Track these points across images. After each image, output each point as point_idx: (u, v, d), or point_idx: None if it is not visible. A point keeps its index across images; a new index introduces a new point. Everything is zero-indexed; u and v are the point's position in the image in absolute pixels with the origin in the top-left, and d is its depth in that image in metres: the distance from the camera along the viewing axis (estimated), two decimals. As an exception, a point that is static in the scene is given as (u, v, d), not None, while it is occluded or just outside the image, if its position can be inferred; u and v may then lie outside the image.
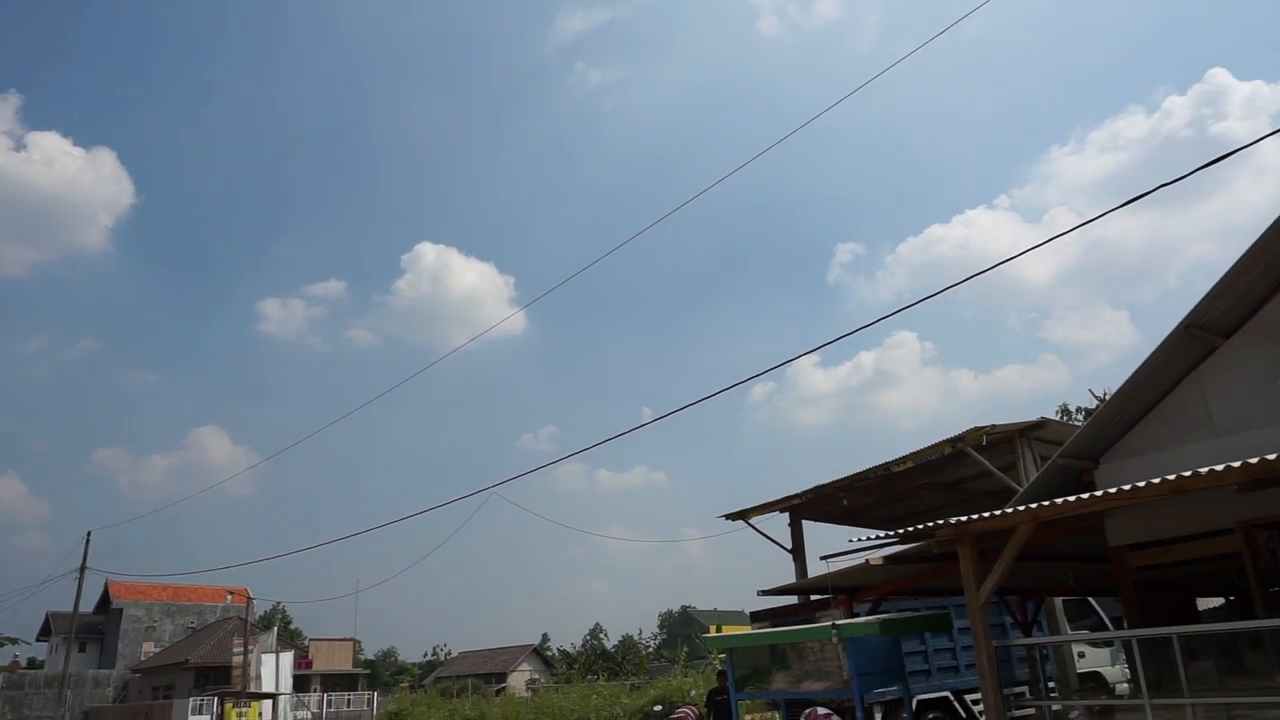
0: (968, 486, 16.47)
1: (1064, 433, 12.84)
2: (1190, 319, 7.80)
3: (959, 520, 7.07)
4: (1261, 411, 7.66)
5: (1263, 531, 7.63)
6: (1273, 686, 6.49)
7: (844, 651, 8.08)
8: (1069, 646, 14.67)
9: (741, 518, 18.73)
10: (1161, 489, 6.13)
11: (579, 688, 27.59)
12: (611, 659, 59.91)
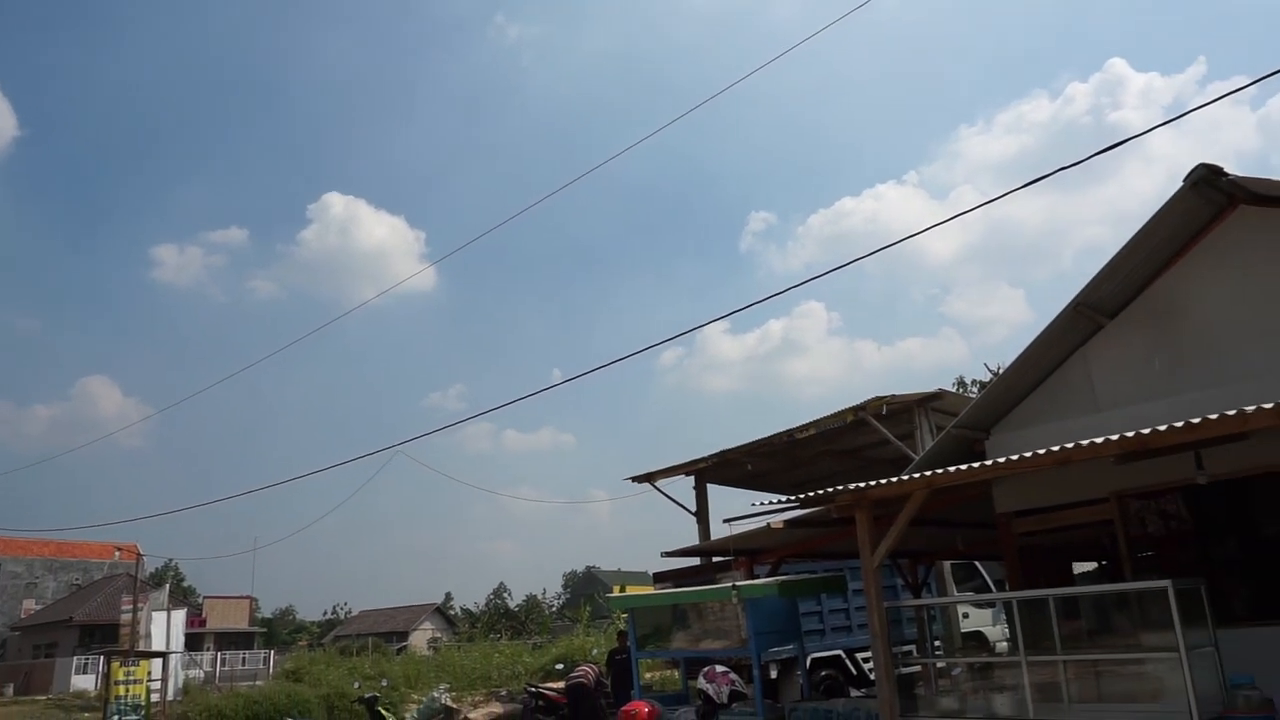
0: (867, 454, 16.99)
1: (959, 404, 13.35)
2: (1079, 299, 8.17)
3: (857, 486, 7.31)
4: (1139, 388, 8.10)
5: (1134, 501, 8.11)
6: (1135, 644, 6.95)
7: (743, 612, 8.30)
8: (955, 607, 15.37)
9: (648, 480, 18.95)
10: (1045, 460, 6.45)
11: (481, 646, 27.66)
12: (515, 618, 60.15)
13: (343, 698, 17.37)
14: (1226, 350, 7.68)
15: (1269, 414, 5.39)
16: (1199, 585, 6.58)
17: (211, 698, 17.86)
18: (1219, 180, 7.33)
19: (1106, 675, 7.07)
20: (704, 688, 7.44)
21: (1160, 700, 6.35)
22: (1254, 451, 7.16)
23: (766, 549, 11.38)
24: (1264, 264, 7.57)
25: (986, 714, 7.05)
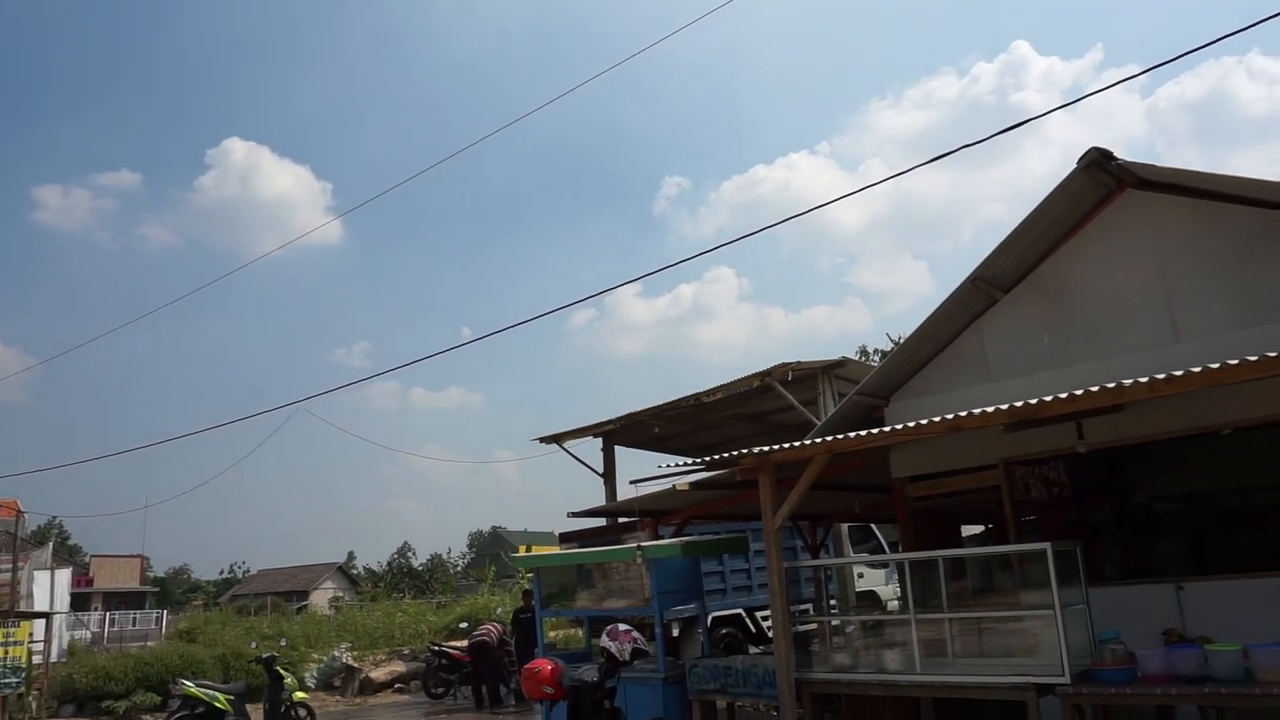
0: (772, 419, 17.33)
1: (862, 372, 13.73)
2: (976, 273, 8.47)
3: (761, 450, 7.47)
4: (1028, 360, 8.48)
5: (1020, 467, 8.52)
6: (1016, 602, 7.34)
7: (647, 571, 8.44)
8: (850, 568, 15.91)
9: (555, 441, 18.95)
10: (940, 427, 6.71)
11: (384, 605, 27.43)
12: (419, 577, 59.69)
13: (239, 658, 17.02)
14: (1109, 326, 8.09)
15: (1143, 388, 5.71)
16: (1075, 547, 6.98)
17: (99, 659, 17.28)
18: (1109, 164, 7.66)
19: (988, 631, 7.45)
20: (607, 645, 7.56)
21: (1036, 654, 6.74)
22: (1129, 422, 7.60)
23: (671, 510, 11.56)
24: (1145, 246, 7.98)
25: (877, 669, 7.35)
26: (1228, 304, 7.50)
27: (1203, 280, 7.67)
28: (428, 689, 17.26)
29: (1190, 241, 7.78)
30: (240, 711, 12.47)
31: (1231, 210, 7.57)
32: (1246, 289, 7.43)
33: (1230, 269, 7.54)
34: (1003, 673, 6.70)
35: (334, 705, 17.41)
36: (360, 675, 18.70)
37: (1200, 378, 5.55)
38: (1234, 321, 7.40)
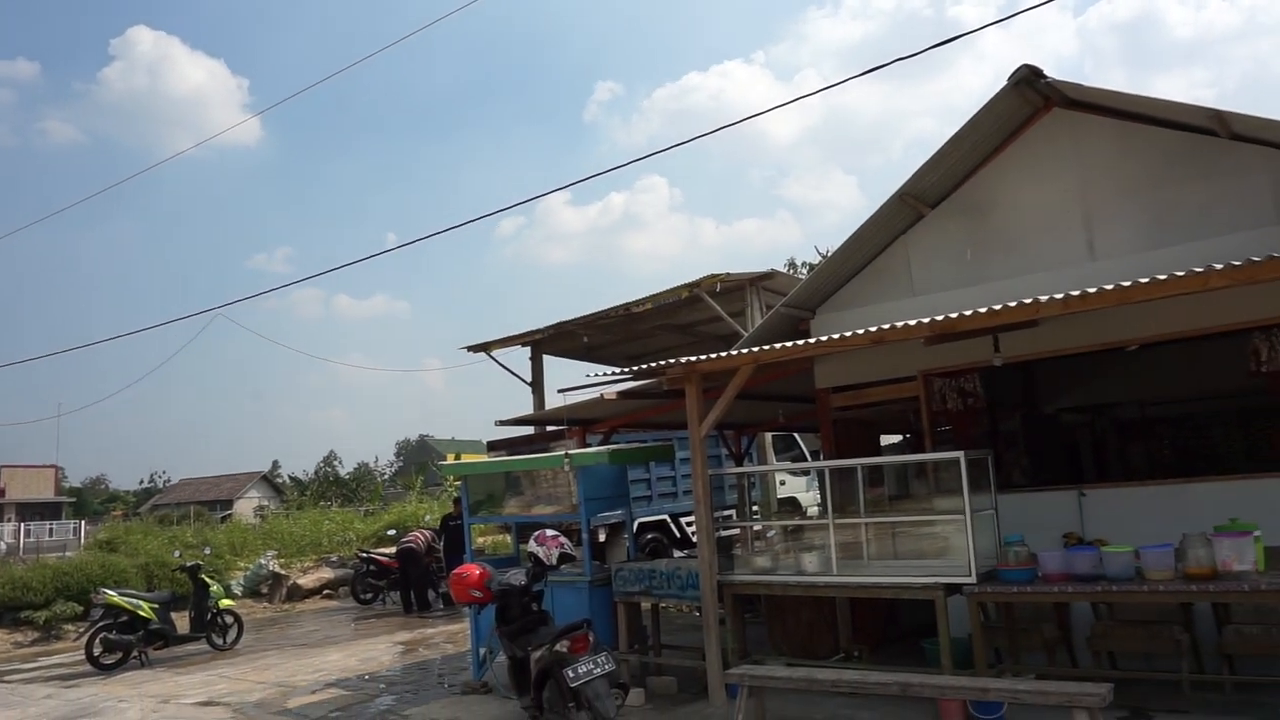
0: (700, 330, 17.49)
1: (789, 284, 13.86)
2: (904, 188, 8.54)
3: (688, 360, 7.54)
4: (951, 276, 8.65)
5: (938, 379, 8.77)
6: (929, 509, 7.65)
7: (575, 479, 8.53)
8: (773, 475, 16.35)
9: (483, 350, 18.87)
10: (862, 340, 6.85)
11: (310, 514, 27.34)
12: (346, 486, 59.45)
13: (163, 567, 16.86)
14: (1029, 244, 8.28)
15: (1057, 304, 5.89)
16: (986, 456, 7.27)
17: (15, 570, 16.93)
18: (1038, 82, 7.72)
19: (903, 536, 7.78)
20: (534, 550, 7.68)
21: (946, 557, 7.07)
22: (1043, 337, 7.84)
23: (599, 419, 11.67)
24: (1068, 165, 8.12)
25: (796, 571, 7.63)
26: (1142, 225, 7.72)
27: (1120, 201, 7.87)
28: (356, 595, 17.40)
29: (1111, 162, 7.95)
30: (165, 620, 12.43)
31: (1152, 132, 7.73)
32: (1160, 210, 7.65)
33: (1146, 190, 7.74)
34: (915, 574, 7.02)
35: (261, 612, 17.45)
36: (288, 582, 18.73)
37: (1111, 295, 5.74)
38: (1147, 242, 7.63)
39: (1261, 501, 6.87)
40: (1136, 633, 6.91)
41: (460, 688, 9.00)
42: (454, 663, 10.68)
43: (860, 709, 6.84)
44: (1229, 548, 5.78)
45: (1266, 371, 7.08)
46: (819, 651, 8.27)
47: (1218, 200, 7.38)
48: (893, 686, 6.13)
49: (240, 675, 10.91)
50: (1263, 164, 7.22)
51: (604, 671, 6.32)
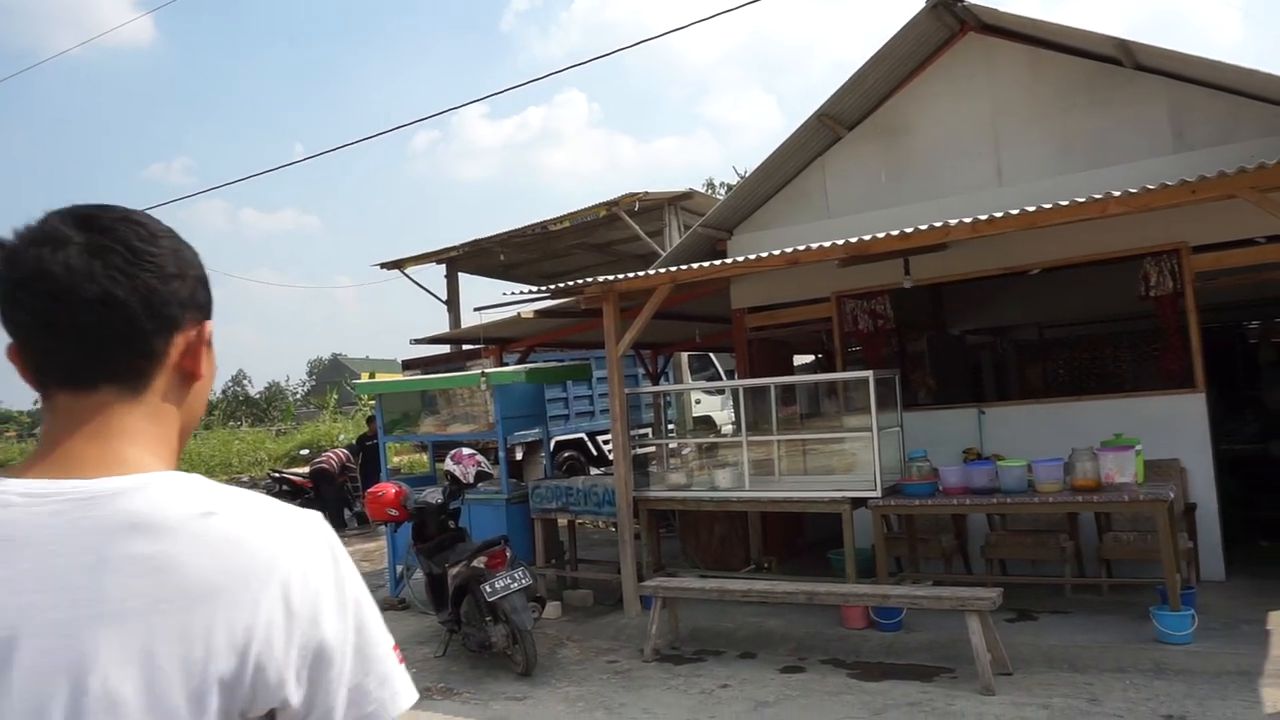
0: (618, 249, 17.42)
1: (708, 204, 13.87)
2: (823, 109, 8.56)
3: (606, 279, 7.53)
4: (865, 198, 8.78)
5: (850, 300, 8.96)
6: (838, 426, 7.91)
7: (491, 398, 8.52)
8: (689, 394, 16.58)
9: (397, 267, 18.48)
10: (779, 260, 6.93)
11: (220, 434, 26.74)
12: (256, 405, 58.13)
13: (62, 488, 16.34)
14: (941, 168, 8.43)
15: (966, 228, 6.05)
16: (894, 376, 7.51)
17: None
18: (955, 5, 7.77)
19: (813, 453, 8.03)
20: (451, 469, 7.69)
21: (853, 472, 7.34)
22: (952, 260, 8.06)
23: (516, 338, 11.62)
24: (981, 90, 8.25)
25: (710, 487, 7.83)
26: (1049, 151, 7.93)
27: (1029, 127, 8.04)
28: (269, 514, 17.21)
29: (1021, 88, 8.09)
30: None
31: (1061, 60, 7.89)
32: (1066, 137, 7.87)
33: (1054, 117, 7.93)
34: (823, 489, 7.28)
35: (169, 532, 17.13)
36: (196, 502, 18.40)
37: (1017, 220, 5.91)
38: (1053, 168, 7.85)
39: (1145, 418, 7.30)
40: (1026, 541, 7.34)
41: (378, 604, 9.04)
42: (370, 580, 10.68)
43: (769, 617, 7.14)
44: (1112, 461, 6.15)
45: (1155, 296, 7.44)
46: (731, 564, 8.56)
47: (1119, 128, 7.61)
48: (800, 595, 6.41)
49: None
50: (1163, 94, 7.45)
51: (520, 586, 6.43)
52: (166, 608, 0.86)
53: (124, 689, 0.83)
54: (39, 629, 0.83)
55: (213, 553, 0.89)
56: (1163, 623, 5.75)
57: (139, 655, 0.84)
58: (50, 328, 0.94)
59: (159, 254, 0.99)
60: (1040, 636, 6.17)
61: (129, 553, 0.86)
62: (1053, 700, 5.09)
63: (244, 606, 0.88)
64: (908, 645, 6.30)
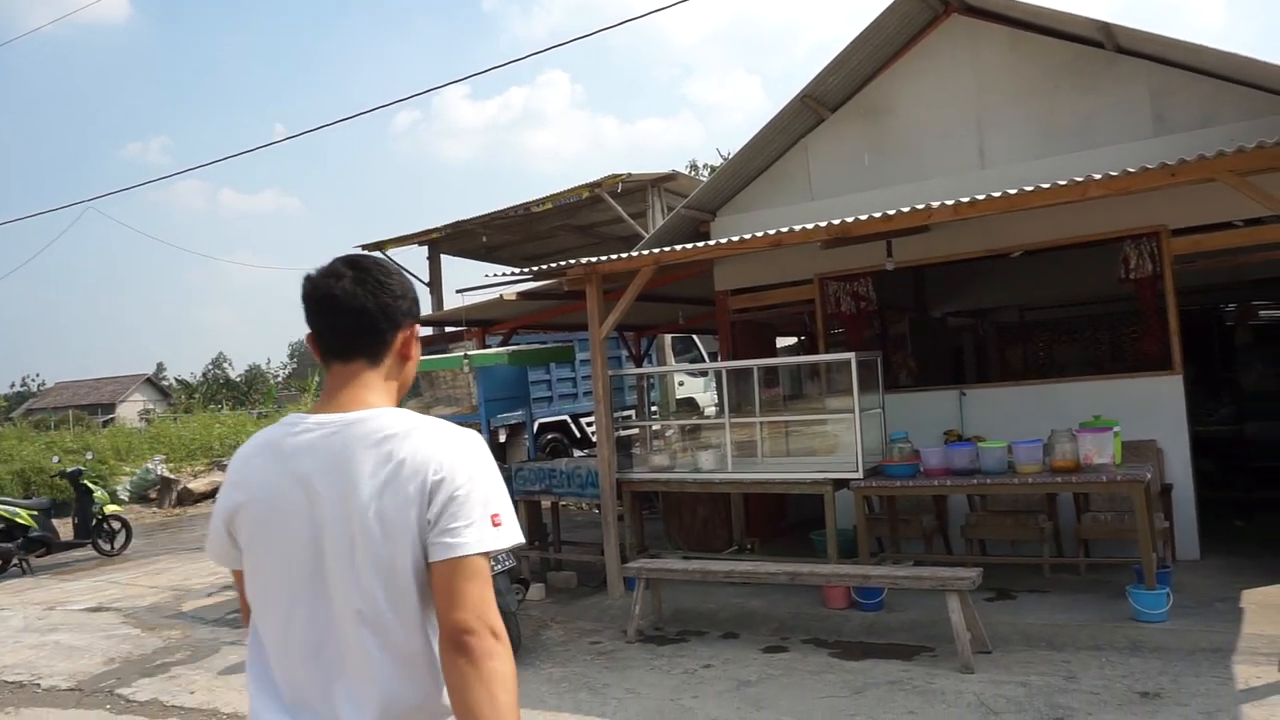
0: (601, 230, 17.35)
1: (691, 186, 13.83)
2: (807, 90, 8.54)
3: (589, 261, 7.51)
4: (848, 180, 8.78)
5: (833, 283, 8.98)
6: (821, 408, 7.94)
7: (474, 380, 8.51)
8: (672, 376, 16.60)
9: (379, 249, 18.34)
10: (762, 242, 6.93)
11: (200, 418, 26.53)
12: (237, 388, 57.80)
13: (41, 473, 16.20)
14: (924, 150, 8.45)
15: (948, 210, 6.07)
16: (876, 358, 7.54)
17: (-124, 476, 16.02)
18: (938, -15, 7.75)
19: (795, 434, 8.07)
20: (434, 452, 7.69)
21: (835, 454, 7.38)
22: (934, 243, 8.09)
23: (499, 320, 11.58)
24: (964, 72, 8.25)
25: (692, 469, 7.86)
26: (1031, 133, 7.96)
27: (1011, 109, 8.06)
28: (251, 498, 17.12)
29: (1004, 70, 8.10)
30: (47, 527, 12.01)
31: (1043, 42, 7.90)
32: (1048, 120, 7.89)
33: (1036, 100, 7.94)
34: (806, 470, 7.32)
35: (151, 517, 17.03)
36: (178, 487, 18.27)
37: (999, 202, 5.94)
38: (1034, 150, 7.88)
39: (1123, 399, 7.37)
40: (1005, 521, 7.41)
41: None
42: (354, 563, 10.69)
43: (752, 597, 7.19)
44: (1091, 442, 6.21)
45: (1134, 278, 7.49)
46: (714, 545, 8.60)
47: (1101, 112, 7.64)
48: (782, 576, 6.46)
49: (131, 580, 10.71)
50: (1144, 77, 7.48)
51: (504, 568, 6.45)
52: (388, 472, 1.60)
53: (370, 515, 1.59)
54: (329, 485, 1.62)
55: (411, 446, 1.63)
56: (1139, 601, 5.83)
57: (377, 492, 1.60)
58: (332, 326, 1.73)
59: (392, 284, 1.75)
60: (1019, 615, 6.24)
61: (369, 447, 1.62)
62: (1030, 678, 5.16)
63: (422, 472, 1.60)
64: (889, 625, 6.36)
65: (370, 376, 1.74)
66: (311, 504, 1.63)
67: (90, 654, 7.49)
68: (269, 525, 1.67)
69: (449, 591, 1.57)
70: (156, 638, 7.90)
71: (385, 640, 1.61)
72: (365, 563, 1.60)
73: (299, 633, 1.64)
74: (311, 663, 1.63)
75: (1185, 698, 4.70)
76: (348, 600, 1.61)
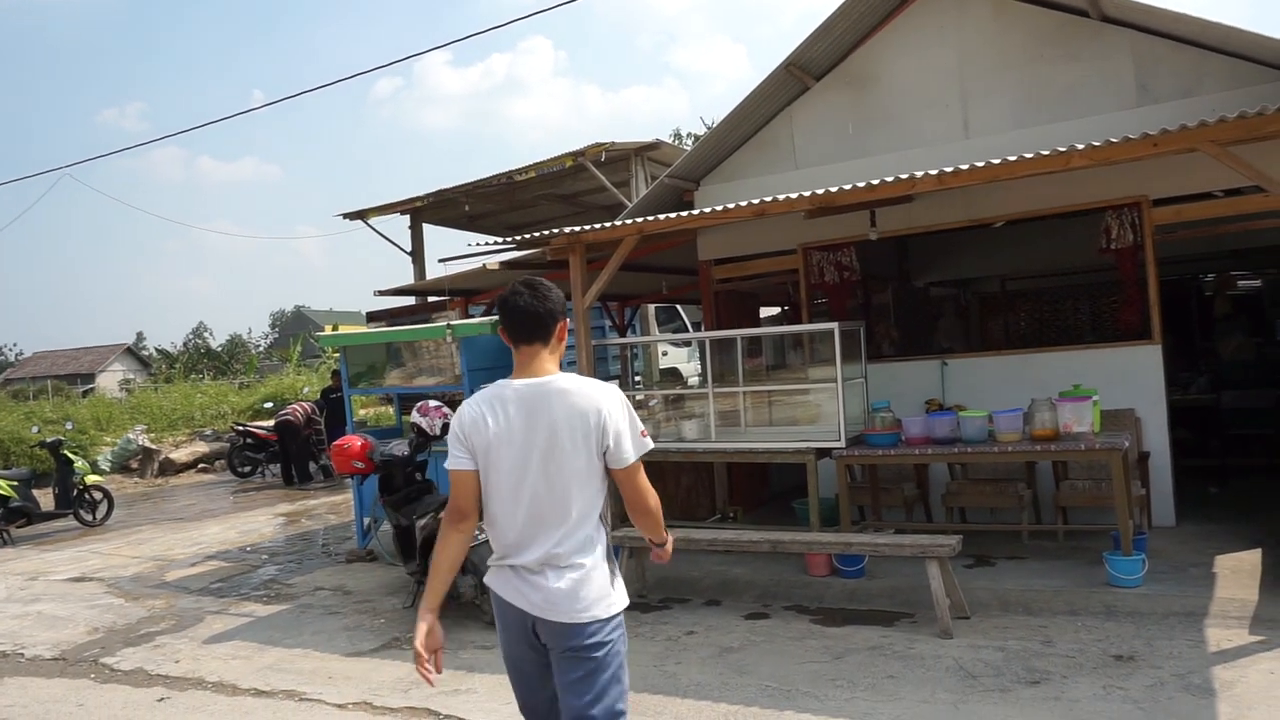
0: (584, 200, 17.28)
1: (675, 155, 13.76)
2: (791, 58, 8.48)
3: (572, 230, 7.48)
4: (833, 149, 8.76)
5: (816, 252, 8.98)
6: (804, 378, 7.98)
7: (457, 350, 8.48)
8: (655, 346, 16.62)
9: (360, 218, 18.22)
10: (745, 212, 6.91)
11: (181, 387, 26.36)
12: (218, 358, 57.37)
13: (20, 443, 16.07)
14: (909, 119, 8.42)
15: (932, 180, 6.07)
16: (859, 327, 7.57)
17: None
18: (924, -48, 7.69)
19: (778, 404, 8.10)
20: (417, 421, 7.65)
21: (818, 423, 7.43)
22: (917, 212, 8.11)
23: (482, 289, 11.54)
24: (949, 40, 8.21)
25: (676, 438, 7.88)
26: (1015, 103, 7.94)
27: (995, 78, 8.04)
28: (234, 468, 17.07)
29: (989, 39, 8.07)
30: (27, 497, 11.95)
31: (1028, 10, 7.87)
32: (1032, 90, 7.87)
33: (1020, 69, 7.92)
34: (789, 440, 7.36)
35: (133, 488, 16.96)
36: (159, 457, 18.19)
37: (982, 172, 5.94)
38: (1018, 120, 7.87)
39: (1102, 369, 7.44)
40: (985, 489, 7.49)
41: (345, 556, 9.06)
42: (338, 533, 10.72)
43: (735, 565, 7.25)
44: (1070, 411, 6.27)
45: (1116, 249, 7.53)
46: (697, 513, 8.66)
47: (1084, 81, 7.64)
48: (764, 544, 6.51)
49: (113, 550, 10.68)
50: (1128, 46, 7.47)
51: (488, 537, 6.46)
52: (571, 413, 2.70)
53: (563, 437, 2.70)
54: (535, 419, 2.71)
55: (583, 396, 2.71)
56: (1115, 567, 5.92)
57: (567, 425, 2.70)
58: (519, 324, 2.77)
59: (551, 296, 2.79)
60: (997, 581, 6.33)
61: (558, 399, 2.71)
62: (1008, 642, 5.25)
63: (594, 413, 2.70)
64: (869, 591, 6.44)
65: (544, 353, 2.82)
66: (526, 430, 2.74)
67: (74, 624, 7.48)
68: (499, 443, 2.76)
69: (630, 483, 2.84)
70: (140, 607, 7.90)
71: (567, 506, 2.75)
72: (559, 463, 2.73)
73: (521, 505, 2.76)
74: (525, 522, 2.77)
75: (1158, 660, 4.79)
76: (550, 484, 2.74)
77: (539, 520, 2.75)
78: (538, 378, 2.77)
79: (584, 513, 2.78)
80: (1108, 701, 4.34)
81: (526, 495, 2.75)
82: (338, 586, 7.95)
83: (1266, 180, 5.47)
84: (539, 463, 2.73)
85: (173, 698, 5.57)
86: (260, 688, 5.60)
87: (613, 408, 2.74)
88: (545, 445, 2.72)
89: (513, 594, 2.80)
